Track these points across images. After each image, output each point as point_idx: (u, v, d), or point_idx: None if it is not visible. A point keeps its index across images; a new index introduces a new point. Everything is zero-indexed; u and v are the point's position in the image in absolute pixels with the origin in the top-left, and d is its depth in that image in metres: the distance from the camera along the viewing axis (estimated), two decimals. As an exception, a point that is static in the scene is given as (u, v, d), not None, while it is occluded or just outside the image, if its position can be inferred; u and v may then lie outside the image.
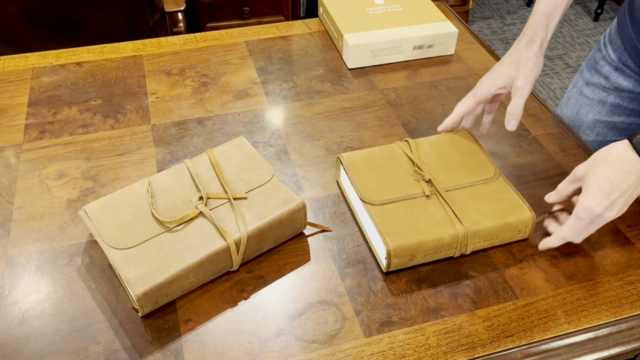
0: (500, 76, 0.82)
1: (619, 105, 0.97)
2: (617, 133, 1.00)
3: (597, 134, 1.02)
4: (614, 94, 0.97)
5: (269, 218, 0.71)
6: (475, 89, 0.85)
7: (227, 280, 0.72)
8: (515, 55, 0.82)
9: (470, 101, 0.84)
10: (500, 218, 0.74)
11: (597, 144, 1.02)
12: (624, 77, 0.95)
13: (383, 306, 0.69)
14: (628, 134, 0.70)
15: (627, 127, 0.99)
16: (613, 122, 0.99)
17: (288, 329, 0.66)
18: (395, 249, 0.70)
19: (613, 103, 0.98)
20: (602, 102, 0.99)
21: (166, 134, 0.93)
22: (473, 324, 0.68)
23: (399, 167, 0.81)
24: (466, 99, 0.85)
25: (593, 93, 1.00)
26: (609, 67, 0.97)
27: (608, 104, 0.98)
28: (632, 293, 0.71)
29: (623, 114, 0.97)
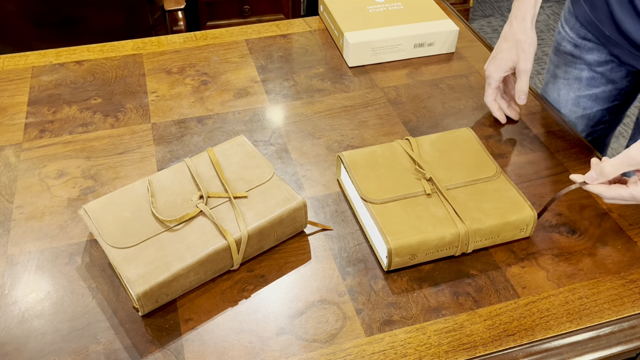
0: (503, 62, 0.92)
1: (594, 77, 1.02)
2: (601, 103, 1.05)
3: (583, 108, 1.06)
4: (585, 68, 1.02)
5: (269, 217, 0.71)
6: (487, 80, 0.95)
7: (227, 279, 0.71)
8: (511, 39, 0.91)
9: (491, 92, 0.96)
10: (501, 216, 0.74)
11: (586, 118, 1.07)
12: (587, 51, 1.00)
13: (384, 305, 0.69)
14: None
15: (608, 95, 1.04)
16: (594, 94, 1.04)
17: (289, 328, 0.66)
18: (396, 247, 0.70)
19: (588, 77, 1.03)
20: (577, 79, 1.04)
21: (166, 133, 0.93)
22: (474, 322, 0.67)
23: (399, 166, 0.80)
24: (487, 92, 0.96)
25: (566, 73, 1.06)
26: (571, 46, 1.03)
27: (584, 78, 1.03)
28: (634, 292, 0.71)
29: (600, 84, 1.02)
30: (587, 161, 0.89)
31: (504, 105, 0.98)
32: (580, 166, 0.88)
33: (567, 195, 0.84)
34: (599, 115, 1.07)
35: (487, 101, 0.97)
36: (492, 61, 0.94)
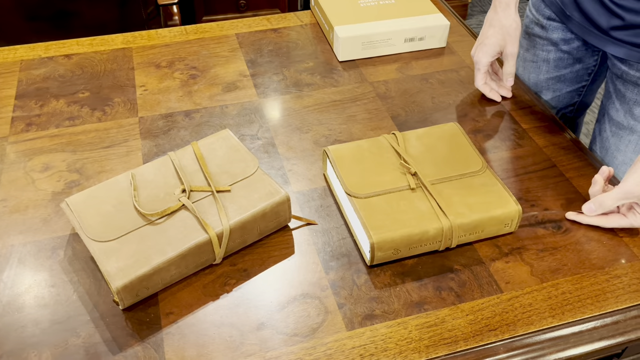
0: (491, 47, 0.95)
1: (561, 58, 1.04)
2: (569, 84, 1.07)
3: (553, 90, 1.09)
4: (552, 49, 1.04)
5: (252, 211, 0.71)
6: (476, 66, 0.99)
7: (210, 273, 0.71)
8: (497, 24, 0.94)
9: (480, 76, 0.99)
10: (486, 211, 0.73)
11: (557, 100, 1.10)
12: (553, 30, 1.02)
13: (366, 300, 0.69)
14: None
15: (576, 76, 1.06)
16: (563, 75, 1.06)
17: (270, 323, 0.66)
18: (379, 242, 0.70)
19: (555, 58, 1.05)
20: (545, 61, 1.06)
21: (153, 127, 0.93)
22: (456, 317, 0.67)
23: (385, 160, 0.80)
24: (477, 78, 0.99)
25: (534, 56, 1.08)
26: (538, 27, 1.05)
27: (551, 60, 1.05)
28: (618, 287, 0.71)
29: (568, 65, 1.04)
30: (576, 156, 0.89)
31: (495, 87, 1.01)
32: (568, 162, 0.88)
33: (554, 190, 0.83)
34: (568, 97, 1.08)
35: (478, 86, 1.00)
36: (480, 47, 0.97)
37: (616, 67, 0.92)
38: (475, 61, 0.98)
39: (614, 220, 0.75)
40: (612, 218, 0.75)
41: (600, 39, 0.91)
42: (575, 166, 0.87)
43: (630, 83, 0.89)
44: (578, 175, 0.86)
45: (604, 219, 0.75)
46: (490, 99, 0.99)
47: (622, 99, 0.92)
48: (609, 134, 0.96)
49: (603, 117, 0.98)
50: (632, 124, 0.90)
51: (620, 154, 0.93)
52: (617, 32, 0.88)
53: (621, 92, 0.92)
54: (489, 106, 0.99)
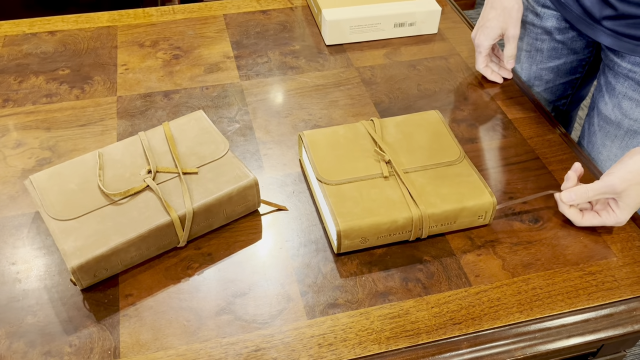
0: (492, 30, 0.94)
1: (555, 47, 1.01)
2: (563, 75, 1.04)
3: (546, 81, 1.06)
4: (546, 39, 1.01)
5: (217, 194, 0.69)
6: (477, 49, 0.97)
7: (173, 256, 0.70)
8: (498, 6, 0.93)
9: (482, 59, 0.97)
10: (458, 202, 0.71)
11: (549, 91, 1.07)
12: (547, 19, 0.99)
13: (330, 288, 0.67)
14: None
15: (569, 67, 1.03)
16: (556, 66, 1.03)
17: (229, 308, 0.65)
18: (346, 230, 0.68)
19: (549, 47, 1.02)
20: (539, 51, 1.03)
21: (131, 107, 0.91)
22: (420, 309, 0.66)
23: (360, 147, 0.78)
24: (479, 61, 0.98)
25: (528, 45, 1.05)
26: (533, 15, 1.02)
27: (545, 49, 1.02)
28: (591, 284, 0.69)
29: (562, 55, 1.01)
30: (560, 149, 0.86)
31: (495, 68, 1.00)
32: (552, 154, 0.85)
33: (534, 183, 0.81)
34: (561, 89, 1.05)
35: (479, 69, 0.99)
36: (481, 30, 0.96)
37: (608, 58, 0.89)
38: (476, 44, 0.97)
39: (587, 219, 0.72)
40: (586, 216, 0.73)
41: (593, 28, 0.88)
42: (559, 159, 0.85)
43: (621, 75, 0.86)
44: (561, 168, 0.83)
45: (577, 216, 0.73)
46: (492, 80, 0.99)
47: (612, 92, 0.89)
48: (597, 128, 0.93)
49: (592, 111, 0.95)
50: (620, 119, 0.88)
51: (606, 149, 0.91)
52: (610, 21, 0.85)
53: (611, 84, 0.89)
54: (475, 95, 0.96)
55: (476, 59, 0.98)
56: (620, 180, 0.68)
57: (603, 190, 0.70)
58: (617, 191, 0.69)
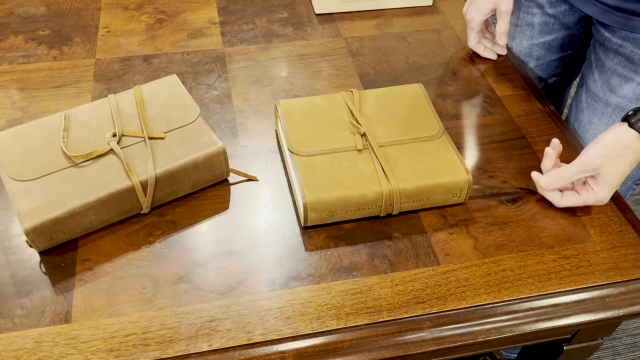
0: (484, 5, 0.90)
1: (546, 22, 0.97)
2: (555, 52, 1.01)
3: (536, 58, 1.02)
4: (538, 12, 0.97)
5: (182, 161, 0.67)
6: (469, 25, 0.94)
7: (136, 222, 0.68)
8: None
9: (474, 36, 0.94)
10: (432, 178, 0.69)
11: (540, 68, 1.03)
12: None
13: (294, 261, 0.66)
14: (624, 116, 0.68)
15: (561, 43, 0.99)
16: (548, 42, 0.99)
17: (188, 277, 0.63)
18: (313, 202, 0.66)
19: (540, 22, 0.98)
20: (530, 25, 0.99)
21: (108, 70, 0.89)
22: (384, 287, 0.64)
23: (336, 119, 0.76)
24: (470, 37, 0.94)
25: (519, 19, 1.01)
26: None
27: (536, 24, 0.98)
28: (565, 268, 0.66)
29: (553, 30, 0.97)
30: (548, 128, 0.83)
31: (489, 45, 0.96)
32: (538, 133, 0.82)
33: (516, 162, 0.78)
34: (552, 66, 1.01)
35: (471, 45, 0.96)
36: (473, 4, 0.92)
37: (599, 33, 0.85)
38: (467, 20, 0.93)
39: (567, 199, 0.70)
40: (565, 197, 0.70)
41: (583, 0, 0.84)
42: (545, 138, 0.82)
43: (611, 51, 0.82)
44: (546, 148, 0.80)
45: (557, 197, 0.70)
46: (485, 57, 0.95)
47: (602, 68, 0.85)
48: (584, 106, 0.89)
49: (581, 88, 0.91)
50: (608, 96, 0.84)
51: (593, 127, 0.87)
52: None
53: (601, 60, 0.85)
54: (465, 71, 0.93)
55: (468, 35, 0.94)
56: (595, 156, 0.66)
57: (580, 169, 0.67)
58: (594, 167, 0.66)
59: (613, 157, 0.65)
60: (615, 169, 0.65)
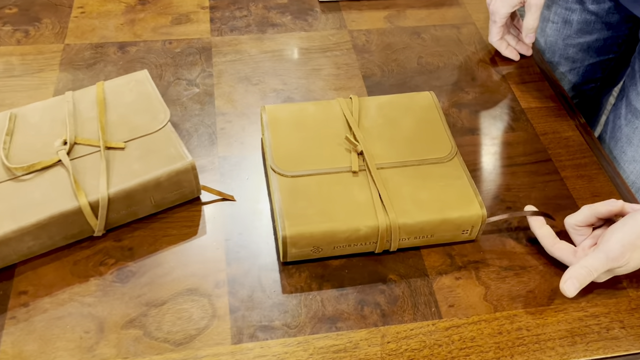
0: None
1: (586, 20, 0.84)
2: (594, 54, 0.87)
3: (572, 60, 0.89)
4: (577, 8, 0.85)
5: (142, 179, 0.57)
6: (492, 17, 0.81)
7: (87, 247, 0.58)
8: None
9: (496, 30, 0.82)
10: (438, 212, 0.58)
11: (575, 73, 0.90)
12: None
13: (267, 306, 0.55)
14: None
15: (602, 45, 0.86)
16: (586, 43, 0.86)
17: (139, 321, 0.53)
18: (294, 236, 0.55)
19: (579, 20, 0.85)
20: (567, 22, 0.86)
21: (77, 58, 0.78)
22: (373, 344, 0.53)
23: (331, 131, 0.64)
24: (492, 32, 0.82)
25: (555, 15, 0.88)
26: None
27: (574, 22, 0.85)
28: (592, 330, 0.55)
29: (594, 30, 0.85)
30: (579, 151, 0.71)
31: (512, 43, 0.84)
32: (568, 156, 0.71)
33: (540, 192, 0.67)
34: (590, 71, 0.88)
35: (492, 41, 0.83)
36: None
37: None
38: (491, 11, 0.81)
39: (559, 251, 0.58)
40: (559, 247, 0.58)
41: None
42: (575, 163, 0.70)
43: None
44: (576, 175, 0.69)
45: (549, 241, 0.59)
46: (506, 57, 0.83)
47: None
48: (623, 122, 0.77)
49: (621, 101, 0.79)
50: None
51: (632, 148, 0.75)
52: None
53: None
54: (485, 75, 0.81)
55: (490, 29, 0.82)
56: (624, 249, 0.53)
57: (608, 265, 0.54)
58: (624, 261, 0.54)
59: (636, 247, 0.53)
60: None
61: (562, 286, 0.54)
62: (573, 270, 0.54)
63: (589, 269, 0.54)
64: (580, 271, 0.54)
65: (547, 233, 0.59)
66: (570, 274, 0.54)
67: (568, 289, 0.54)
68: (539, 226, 0.60)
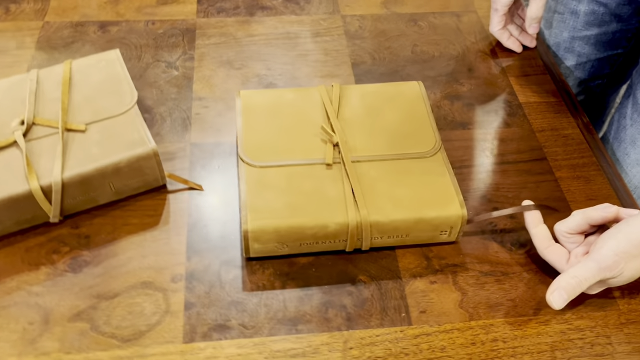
0: None
1: (594, 11, 0.79)
2: (601, 48, 0.82)
3: (577, 54, 0.83)
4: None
5: (99, 163, 0.53)
6: (493, 5, 0.76)
7: (41, 233, 0.55)
8: None
9: (498, 19, 0.76)
10: (415, 210, 0.54)
11: (581, 68, 0.84)
12: None
13: (225, 303, 0.52)
14: None
15: (611, 38, 0.80)
16: (593, 36, 0.81)
17: (87, 314, 0.50)
18: (256, 230, 0.52)
19: (587, 11, 0.79)
20: (574, 13, 0.80)
21: (55, 36, 0.76)
22: (334, 349, 0.49)
23: (308, 121, 0.61)
24: (494, 21, 0.77)
25: (560, 5, 0.82)
26: None
27: (581, 13, 0.80)
28: (576, 345, 0.51)
29: (603, 23, 0.79)
30: (578, 150, 0.66)
31: (515, 33, 0.80)
32: (565, 155, 0.66)
33: (532, 192, 0.62)
34: (597, 66, 0.82)
35: (493, 31, 0.78)
36: None
37: None
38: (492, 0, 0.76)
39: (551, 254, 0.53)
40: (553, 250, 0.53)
41: None
42: (572, 163, 0.65)
43: None
44: (572, 176, 0.64)
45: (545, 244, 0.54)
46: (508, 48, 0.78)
47: None
48: (628, 122, 0.71)
49: (627, 99, 0.73)
50: None
51: (636, 150, 0.70)
52: None
53: None
54: (484, 66, 0.76)
55: (491, 17, 0.77)
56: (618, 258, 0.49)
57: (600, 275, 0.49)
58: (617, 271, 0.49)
59: (636, 257, 0.48)
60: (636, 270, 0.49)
61: (548, 297, 0.50)
62: (561, 280, 0.50)
63: (579, 280, 0.49)
64: (570, 281, 0.49)
65: (542, 233, 0.54)
66: (558, 284, 0.50)
67: (555, 300, 0.50)
68: (535, 224, 0.55)
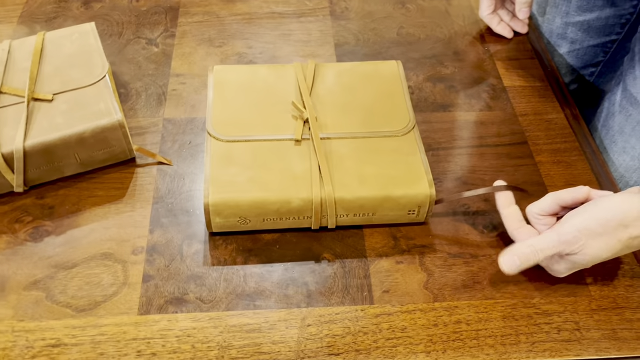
0: None
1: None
2: (594, 34, 0.78)
3: (570, 41, 0.80)
4: None
5: (62, 133, 0.53)
6: None
7: (5, 203, 0.55)
8: None
9: (487, 3, 0.75)
10: (381, 188, 0.52)
11: (574, 55, 0.81)
12: None
13: (184, 277, 0.51)
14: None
15: (604, 24, 0.77)
16: (587, 22, 0.77)
17: (44, 283, 0.50)
18: (217, 204, 0.51)
19: None
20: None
21: (39, 12, 0.75)
22: (291, 326, 0.48)
23: (280, 97, 0.59)
24: (483, 5, 0.76)
25: None
26: None
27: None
28: (542, 329, 0.49)
29: (595, 8, 0.76)
30: (561, 135, 0.64)
31: (506, 18, 0.77)
32: (546, 139, 0.64)
33: (511, 176, 0.60)
34: (590, 53, 0.79)
35: (482, 16, 0.77)
36: None
37: None
38: None
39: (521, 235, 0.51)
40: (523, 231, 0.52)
41: None
42: (554, 147, 0.63)
43: None
44: (552, 160, 0.62)
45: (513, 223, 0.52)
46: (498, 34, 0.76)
47: None
48: (617, 109, 0.69)
49: (617, 86, 0.71)
50: None
51: (623, 138, 0.67)
52: None
53: None
54: (470, 50, 0.74)
55: (480, 1, 0.75)
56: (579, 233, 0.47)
57: (559, 248, 0.48)
58: (576, 247, 0.47)
59: (600, 235, 0.47)
60: (600, 249, 0.47)
61: (499, 260, 0.49)
62: (516, 247, 0.49)
63: (534, 249, 0.48)
64: (524, 250, 0.48)
65: (513, 213, 0.53)
66: (511, 249, 0.49)
67: (505, 263, 0.48)
68: (506, 205, 0.53)
